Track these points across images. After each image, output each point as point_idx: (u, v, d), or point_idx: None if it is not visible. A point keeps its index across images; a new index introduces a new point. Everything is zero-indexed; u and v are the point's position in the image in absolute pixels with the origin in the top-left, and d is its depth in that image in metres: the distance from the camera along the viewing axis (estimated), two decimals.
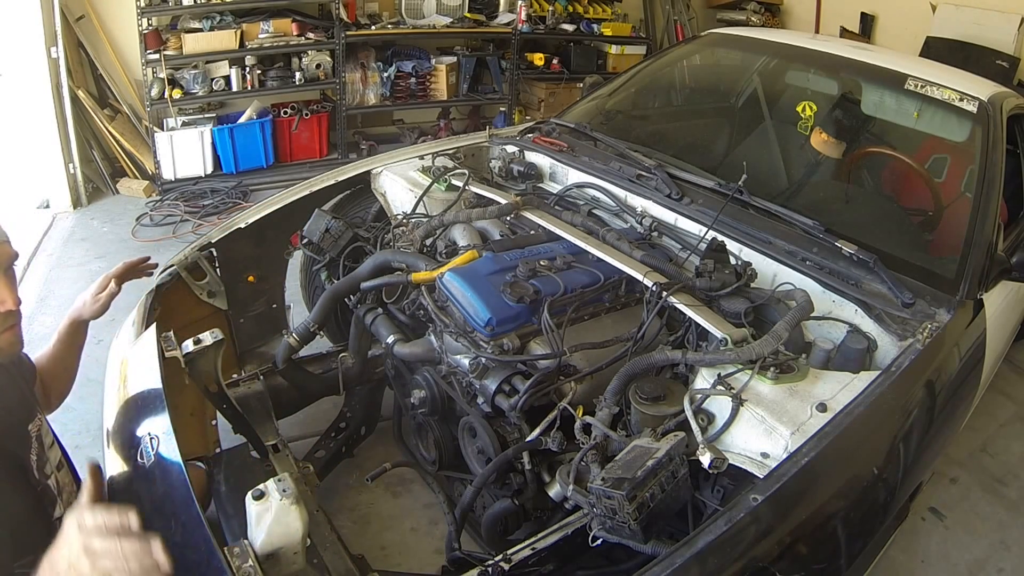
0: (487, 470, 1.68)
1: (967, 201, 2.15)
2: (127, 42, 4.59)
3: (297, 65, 4.91)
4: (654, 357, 1.57)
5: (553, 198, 2.35)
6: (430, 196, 2.33)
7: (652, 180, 2.20)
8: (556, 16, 5.73)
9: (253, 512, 1.22)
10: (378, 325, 2.05)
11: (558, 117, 2.81)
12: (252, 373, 2.17)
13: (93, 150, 4.64)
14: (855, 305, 1.76)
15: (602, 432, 1.54)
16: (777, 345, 1.51)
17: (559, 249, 2.00)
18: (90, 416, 1.89)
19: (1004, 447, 2.95)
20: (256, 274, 2.36)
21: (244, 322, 2.36)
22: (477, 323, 1.74)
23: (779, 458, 1.33)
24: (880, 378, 1.51)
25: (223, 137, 4.74)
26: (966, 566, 2.37)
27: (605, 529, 1.37)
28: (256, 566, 1.19)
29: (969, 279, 1.88)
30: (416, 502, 2.37)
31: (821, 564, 1.28)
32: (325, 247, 2.24)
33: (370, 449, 2.46)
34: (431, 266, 1.93)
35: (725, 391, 1.46)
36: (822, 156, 2.49)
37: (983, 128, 2.29)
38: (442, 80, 5.39)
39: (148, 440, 1.46)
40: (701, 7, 6.85)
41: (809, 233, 1.93)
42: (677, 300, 1.68)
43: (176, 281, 2.08)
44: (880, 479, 1.41)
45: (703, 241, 1.97)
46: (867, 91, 2.65)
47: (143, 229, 4.24)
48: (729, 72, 3.25)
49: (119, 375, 1.74)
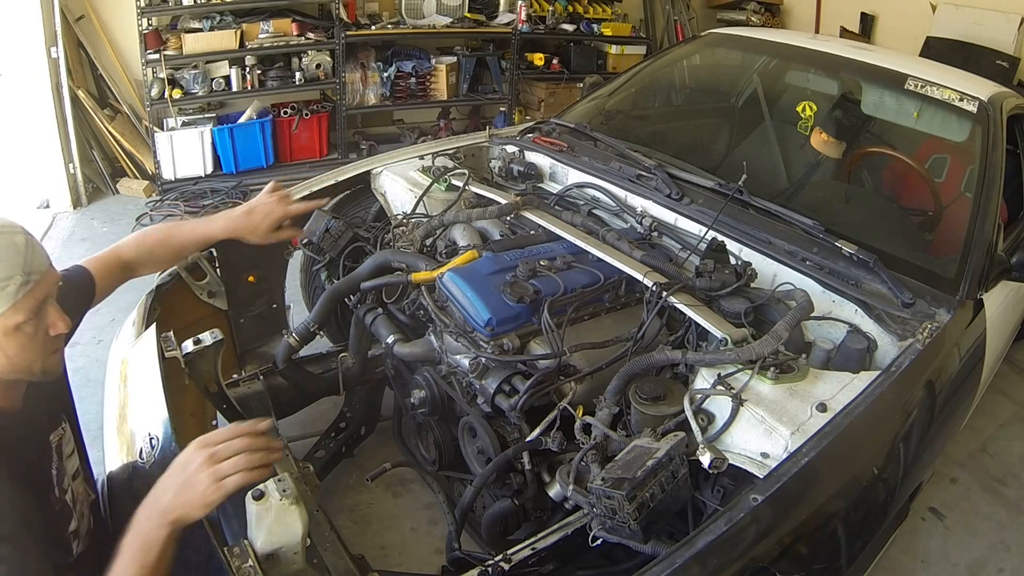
0: (487, 470, 1.68)
1: (967, 201, 2.15)
2: (127, 42, 4.58)
3: (297, 65, 4.91)
4: (654, 357, 1.57)
5: (553, 198, 2.35)
6: (430, 196, 2.33)
7: (652, 180, 2.20)
8: (556, 16, 5.73)
9: (253, 512, 1.22)
10: (378, 325, 2.05)
11: (558, 117, 2.81)
12: (252, 373, 2.17)
13: (93, 150, 4.64)
14: (855, 305, 1.76)
15: (602, 432, 1.54)
16: (777, 345, 1.51)
17: (559, 249, 2.00)
18: (90, 416, 1.89)
19: (1004, 447, 2.95)
20: (256, 274, 2.35)
21: (244, 322, 2.35)
22: (477, 323, 1.74)
23: (779, 458, 1.33)
24: (880, 378, 1.51)
25: (223, 137, 4.74)
26: (966, 566, 2.37)
27: (605, 529, 1.37)
28: (256, 566, 1.19)
29: (969, 279, 1.88)
30: (416, 502, 2.37)
31: (821, 564, 1.28)
32: (325, 247, 2.23)
33: (370, 449, 2.46)
34: (431, 266, 1.93)
35: (725, 391, 1.46)
36: (822, 156, 2.49)
37: (983, 128, 2.29)
38: (442, 80, 5.39)
39: (148, 440, 1.47)
40: (701, 7, 6.85)
41: (809, 233, 1.93)
42: (677, 300, 1.68)
43: (176, 281, 2.08)
44: (880, 479, 1.41)
45: (703, 241, 1.97)
46: (867, 91, 2.65)
47: (143, 229, 4.24)
48: (729, 72, 3.25)
49: (119, 375, 1.75)
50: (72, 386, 1.46)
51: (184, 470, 1.11)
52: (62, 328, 1.17)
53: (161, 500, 1.09)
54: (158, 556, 1.04)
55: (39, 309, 1.14)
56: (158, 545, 1.05)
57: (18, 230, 1.13)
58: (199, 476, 1.09)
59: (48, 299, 1.16)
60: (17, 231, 1.13)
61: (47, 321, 1.16)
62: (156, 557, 1.04)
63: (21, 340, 1.13)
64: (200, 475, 1.09)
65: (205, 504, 1.09)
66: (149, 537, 1.05)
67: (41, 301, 1.14)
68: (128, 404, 1.64)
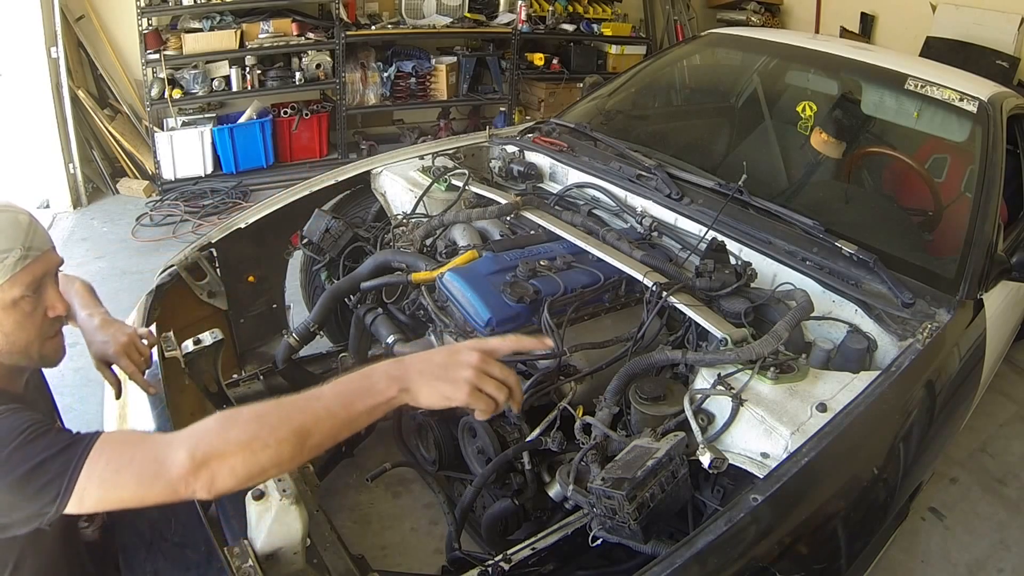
0: (487, 470, 1.68)
1: (967, 201, 2.15)
2: (127, 42, 4.58)
3: (297, 65, 4.91)
4: (654, 357, 1.57)
5: (553, 198, 2.35)
6: (430, 196, 2.33)
7: (652, 180, 2.20)
8: (556, 16, 5.73)
9: (253, 512, 1.22)
10: (378, 325, 2.05)
11: (558, 117, 2.81)
12: (252, 373, 2.17)
13: (93, 150, 4.64)
14: (855, 305, 1.76)
15: (602, 432, 1.54)
16: (777, 345, 1.51)
17: (559, 249, 2.00)
18: (90, 416, 1.90)
19: (1004, 447, 2.95)
20: (256, 274, 2.36)
21: (244, 322, 2.35)
22: (477, 323, 1.74)
23: (779, 458, 1.33)
24: (880, 378, 1.51)
25: (223, 137, 4.74)
26: (966, 566, 2.37)
27: (605, 529, 1.37)
28: (256, 566, 1.19)
29: (969, 279, 1.88)
30: (416, 502, 2.37)
31: (821, 564, 1.28)
32: (325, 247, 2.24)
33: (370, 449, 2.46)
34: (431, 266, 1.93)
35: (725, 391, 1.46)
36: (822, 156, 2.49)
37: (983, 128, 2.29)
38: (442, 80, 5.39)
39: None
40: (701, 7, 6.85)
41: (809, 233, 1.93)
42: (677, 300, 1.68)
43: (176, 281, 2.08)
44: (880, 479, 1.41)
45: (703, 241, 1.97)
46: (867, 91, 2.65)
47: (143, 229, 4.24)
48: (729, 72, 3.25)
49: (119, 375, 1.74)
50: (72, 386, 1.46)
51: (451, 358, 1.05)
52: (60, 310, 1.18)
53: (413, 365, 1.04)
54: (369, 407, 0.99)
55: (37, 287, 1.14)
56: (378, 398, 1.00)
57: (22, 211, 1.15)
58: (463, 373, 1.03)
59: (47, 278, 1.17)
60: (21, 212, 1.15)
61: (46, 301, 1.17)
62: (366, 407, 0.99)
63: (18, 317, 1.13)
64: (463, 373, 1.03)
65: (447, 397, 1.03)
66: (376, 386, 1.00)
67: (39, 278, 1.14)
68: (128, 404, 1.64)
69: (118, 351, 1.45)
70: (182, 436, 0.95)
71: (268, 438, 0.93)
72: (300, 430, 0.95)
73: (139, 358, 1.48)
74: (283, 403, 0.98)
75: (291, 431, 0.95)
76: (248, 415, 0.96)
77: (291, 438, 0.94)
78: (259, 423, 0.95)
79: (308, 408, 0.98)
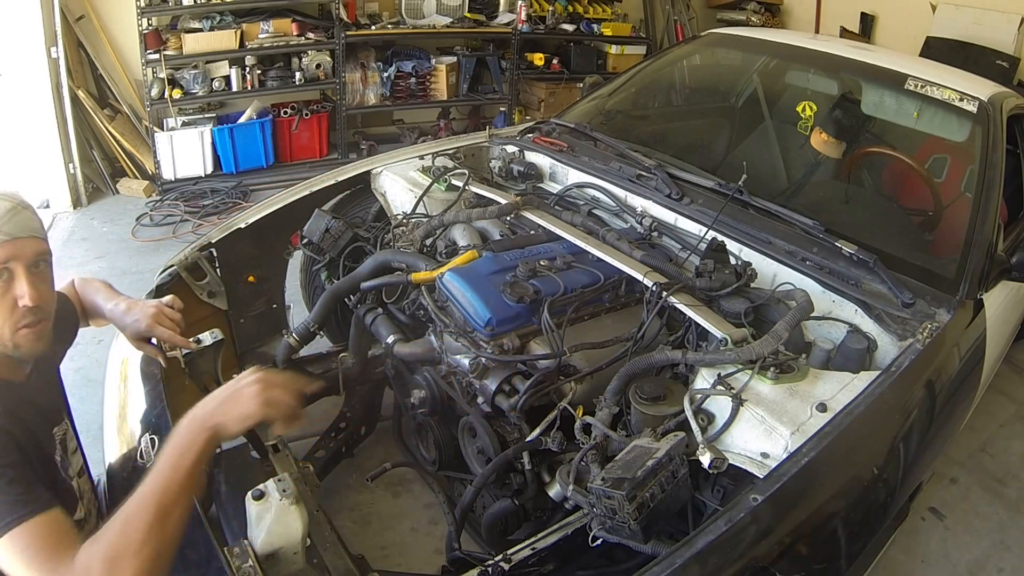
0: (487, 470, 1.68)
1: (967, 201, 2.15)
2: (127, 42, 4.58)
3: (297, 65, 4.91)
4: (654, 357, 1.57)
5: (553, 198, 2.35)
6: (430, 196, 2.33)
7: (652, 180, 2.20)
8: (556, 16, 5.73)
9: (253, 512, 1.22)
10: (378, 325, 2.05)
11: (558, 117, 2.81)
12: None
13: (93, 150, 4.64)
14: (855, 305, 1.76)
15: (602, 432, 1.54)
16: (777, 345, 1.51)
17: (559, 249, 2.00)
18: (90, 416, 1.90)
19: (1004, 447, 2.95)
20: (256, 274, 2.35)
21: (244, 322, 2.35)
22: (477, 323, 1.74)
23: (779, 458, 1.33)
24: (880, 378, 1.51)
25: (223, 137, 4.74)
26: (966, 566, 2.37)
27: (605, 529, 1.37)
28: (256, 566, 1.19)
29: (969, 279, 1.88)
30: (416, 502, 2.37)
31: (821, 564, 1.28)
32: (325, 247, 2.24)
33: (370, 449, 2.46)
34: (431, 266, 1.93)
35: (725, 391, 1.46)
36: (822, 156, 2.49)
37: (983, 128, 2.29)
38: (442, 80, 5.39)
39: (148, 440, 1.47)
40: (701, 7, 6.85)
41: (809, 233, 1.93)
42: (677, 300, 1.68)
43: (176, 281, 2.08)
44: (880, 479, 1.41)
45: (703, 241, 1.97)
46: (867, 91, 2.65)
47: (143, 229, 4.24)
48: (729, 72, 3.25)
49: (119, 375, 1.75)
50: (72, 386, 1.45)
51: (234, 386, 1.15)
52: (28, 300, 1.16)
53: (204, 408, 1.13)
54: (194, 460, 1.07)
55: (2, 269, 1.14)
56: (195, 449, 1.07)
57: (8, 197, 1.16)
58: (246, 391, 1.13)
59: (16, 262, 1.16)
60: (6, 198, 1.16)
61: (15, 289, 1.16)
62: (191, 460, 1.06)
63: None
64: (248, 391, 1.13)
65: (245, 416, 1.11)
66: (187, 440, 1.08)
67: (4, 261, 1.14)
68: (128, 404, 1.64)
69: (150, 324, 1.51)
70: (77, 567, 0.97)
71: (140, 535, 0.99)
72: (159, 510, 1.01)
73: (171, 323, 1.54)
74: (132, 500, 1.03)
75: (153, 517, 1.00)
76: (115, 529, 1.00)
77: (156, 523, 1.00)
78: (125, 527, 1.00)
79: (152, 489, 1.03)
